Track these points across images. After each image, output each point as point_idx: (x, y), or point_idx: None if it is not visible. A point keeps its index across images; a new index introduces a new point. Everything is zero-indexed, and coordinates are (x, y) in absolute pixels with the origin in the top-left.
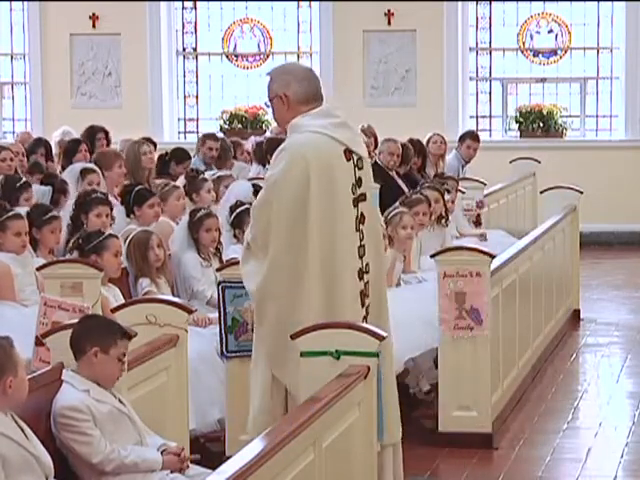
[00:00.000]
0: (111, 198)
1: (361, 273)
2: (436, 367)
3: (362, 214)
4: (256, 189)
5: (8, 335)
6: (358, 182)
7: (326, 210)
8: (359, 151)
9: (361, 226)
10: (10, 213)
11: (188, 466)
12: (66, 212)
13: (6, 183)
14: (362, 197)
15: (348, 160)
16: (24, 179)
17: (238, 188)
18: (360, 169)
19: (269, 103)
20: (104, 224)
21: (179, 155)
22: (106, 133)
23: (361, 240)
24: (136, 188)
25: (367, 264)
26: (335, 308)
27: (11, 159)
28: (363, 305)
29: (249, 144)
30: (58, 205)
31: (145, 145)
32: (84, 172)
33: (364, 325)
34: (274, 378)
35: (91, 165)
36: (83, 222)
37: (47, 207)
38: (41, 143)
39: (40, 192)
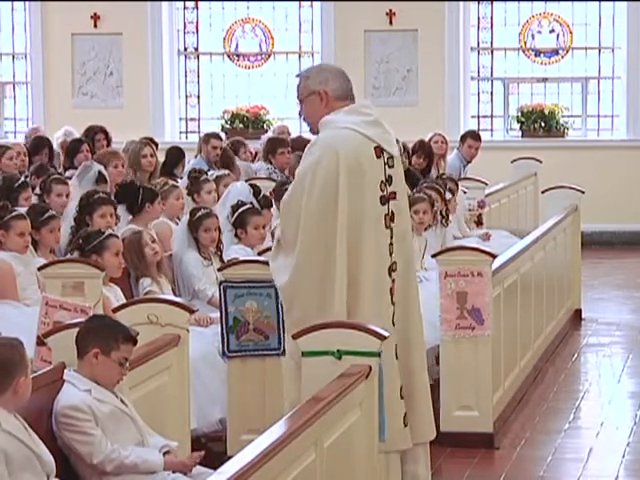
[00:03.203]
0: None
1: (390, 271)
2: (437, 363)
3: (392, 212)
4: (254, 189)
5: (16, 337)
6: (388, 180)
7: (354, 206)
8: (390, 150)
9: (391, 224)
10: (14, 213)
11: (191, 469)
12: (68, 212)
13: (5, 183)
14: (392, 195)
15: (378, 157)
16: (23, 179)
17: (236, 188)
18: (391, 167)
19: (300, 101)
20: (108, 224)
21: (175, 155)
22: (105, 133)
23: (391, 238)
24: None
25: (395, 262)
26: (360, 306)
27: (17, 158)
28: (392, 303)
29: (261, 141)
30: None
31: (146, 147)
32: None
33: (365, 325)
34: None
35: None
36: (88, 223)
37: (44, 207)
38: (44, 143)
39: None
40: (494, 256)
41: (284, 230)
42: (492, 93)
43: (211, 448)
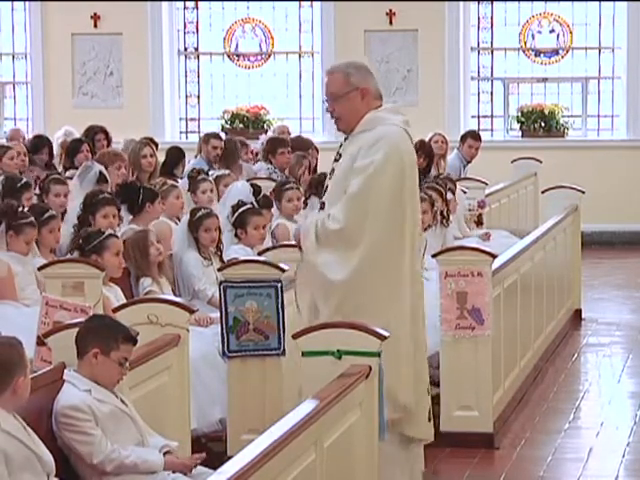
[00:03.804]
0: None
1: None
2: (437, 367)
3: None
4: (254, 189)
5: (16, 337)
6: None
7: (414, 204)
8: None
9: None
10: (27, 220)
11: (191, 470)
12: (69, 213)
13: (7, 183)
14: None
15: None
16: (25, 179)
17: (236, 188)
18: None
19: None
20: (111, 224)
21: (175, 155)
22: (106, 133)
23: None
24: (138, 186)
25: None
26: (417, 309)
27: (17, 158)
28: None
29: (260, 141)
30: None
31: (146, 148)
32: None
33: (365, 325)
34: None
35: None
36: (90, 223)
37: (44, 207)
38: (44, 142)
39: None
40: (494, 256)
41: (347, 224)
42: (492, 93)
43: (211, 448)
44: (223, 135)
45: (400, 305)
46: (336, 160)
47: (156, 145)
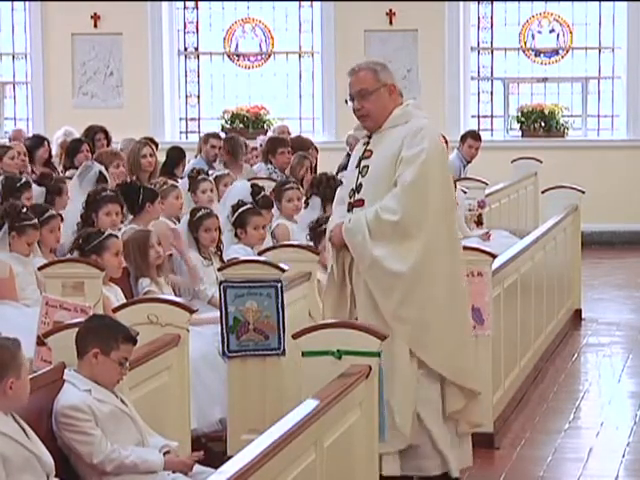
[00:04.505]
0: None
1: None
2: None
3: None
4: (254, 189)
5: (16, 337)
6: None
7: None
8: None
9: None
10: (31, 222)
11: (191, 468)
12: (65, 212)
13: (7, 183)
14: None
15: None
16: (24, 179)
17: (237, 188)
18: None
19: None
20: (114, 222)
21: (176, 155)
22: (105, 133)
23: None
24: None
25: None
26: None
27: (17, 158)
28: None
29: (258, 142)
30: (53, 205)
31: (146, 147)
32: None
33: (365, 324)
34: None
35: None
36: (93, 221)
37: (44, 207)
38: (43, 142)
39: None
40: (494, 256)
41: (405, 214)
42: (492, 93)
43: (211, 448)
44: (223, 135)
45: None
46: (366, 157)
47: (156, 145)
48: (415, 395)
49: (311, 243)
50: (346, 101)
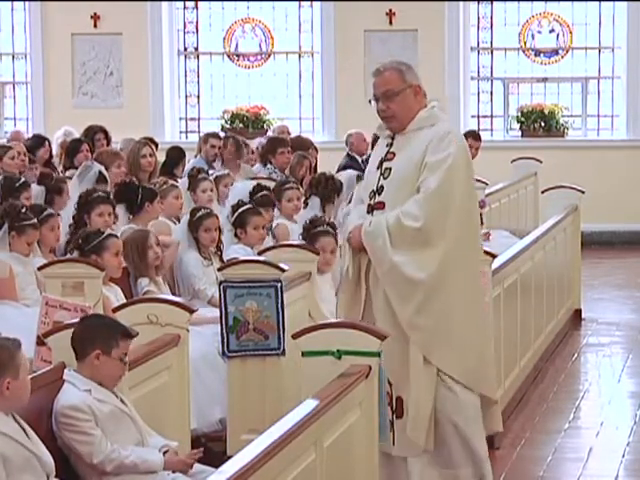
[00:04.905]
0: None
1: None
2: None
3: None
4: (255, 188)
5: (17, 338)
6: None
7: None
8: None
9: None
10: (31, 221)
11: (191, 467)
12: (65, 212)
13: (5, 183)
14: None
15: None
16: (23, 179)
17: (241, 187)
18: None
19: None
20: (106, 223)
21: (176, 155)
22: (105, 133)
23: None
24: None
25: None
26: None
27: (17, 158)
28: None
29: (255, 144)
30: (53, 205)
31: (146, 147)
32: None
33: (365, 324)
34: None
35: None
36: (86, 222)
37: (42, 206)
38: (43, 142)
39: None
40: (494, 256)
41: (427, 221)
42: (492, 93)
43: (211, 448)
44: (222, 135)
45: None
46: (388, 159)
47: (156, 145)
48: (431, 403)
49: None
50: (370, 101)
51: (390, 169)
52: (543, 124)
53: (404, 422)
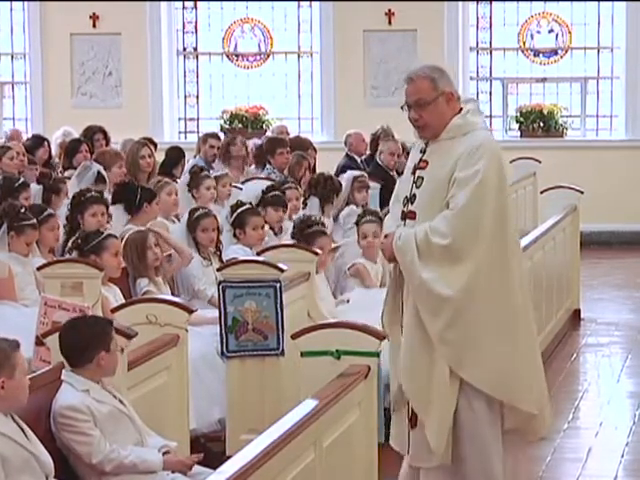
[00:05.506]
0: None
1: None
2: None
3: None
4: (267, 187)
5: (15, 339)
6: None
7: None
8: None
9: None
10: (30, 222)
11: (190, 468)
12: (62, 212)
13: (4, 183)
14: None
15: None
16: (22, 179)
17: (253, 187)
18: None
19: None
20: (100, 223)
21: (175, 155)
22: (104, 133)
23: None
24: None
25: None
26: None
27: (17, 158)
28: None
29: (249, 145)
30: (50, 204)
31: (145, 148)
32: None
33: (365, 325)
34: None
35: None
36: (79, 222)
37: (42, 207)
38: (43, 142)
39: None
40: None
41: (455, 239)
42: (491, 93)
43: (210, 448)
44: (222, 135)
45: (518, 308)
46: (421, 168)
47: (155, 145)
48: (451, 416)
49: (294, 240)
50: (402, 108)
51: (422, 178)
52: (542, 124)
53: (420, 433)
